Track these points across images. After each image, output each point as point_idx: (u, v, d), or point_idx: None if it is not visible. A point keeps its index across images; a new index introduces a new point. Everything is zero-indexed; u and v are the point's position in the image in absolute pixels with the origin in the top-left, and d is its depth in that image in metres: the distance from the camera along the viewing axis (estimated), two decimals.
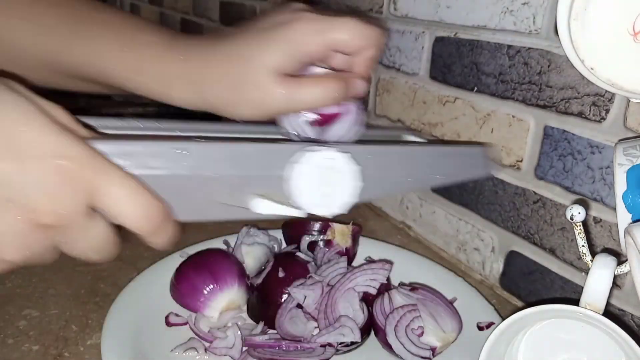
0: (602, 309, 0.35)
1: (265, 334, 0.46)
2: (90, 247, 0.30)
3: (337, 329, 0.45)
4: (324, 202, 0.36)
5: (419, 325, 0.46)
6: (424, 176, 0.42)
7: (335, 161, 0.36)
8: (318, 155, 0.36)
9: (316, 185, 0.36)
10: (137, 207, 0.30)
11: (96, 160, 0.29)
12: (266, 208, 0.35)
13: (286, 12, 0.42)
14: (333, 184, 0.36)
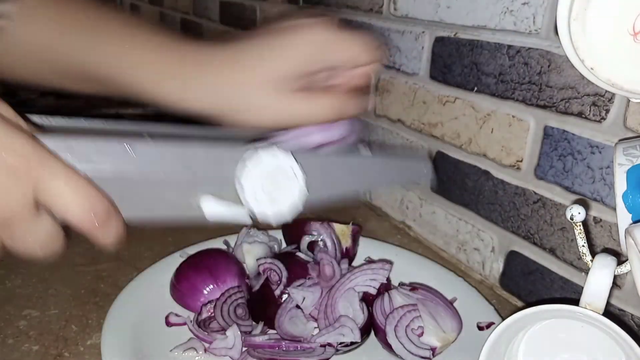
0: (602, 309, 0.35)
1: (265, 334, 0.46)
2: (36, 244, 0.30)
3: (337, 329, 0.45)
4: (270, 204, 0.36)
5: (419, 325, 0.46)
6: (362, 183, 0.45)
7: (280, 160, 0.36)
8: (265, 154, 0.35)
9: (262, 185, 0.36)
10: (80, 201, 0.30)
11: (40, 154, 0.29)
12: (212, 207, 0.35)
13: (293, 21, 0.41)
14: (278, 184, 0.36)
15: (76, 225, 0.30)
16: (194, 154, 0.35)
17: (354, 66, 0.42)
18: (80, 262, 0.58)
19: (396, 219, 0.74)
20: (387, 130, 0.73)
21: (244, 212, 0.36)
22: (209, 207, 0.35)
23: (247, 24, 1.11)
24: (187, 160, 0.35)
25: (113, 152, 0.32)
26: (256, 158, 0.35)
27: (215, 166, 0.36)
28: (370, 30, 0.74)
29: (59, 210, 0.29)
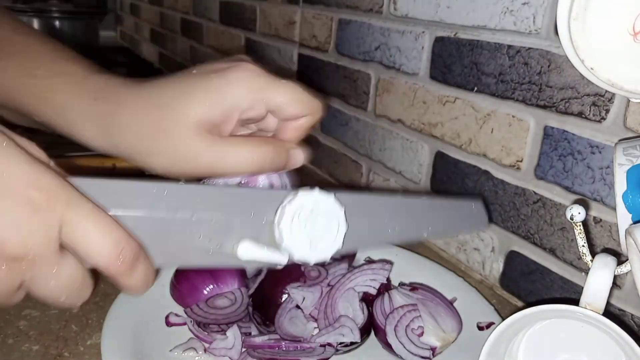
0: (602, 309, 0.35)
1: (264, 335, 0.46)
2: (60, 288, 0.28)
3: (337, 329, 0.45)
4: (310, 247, 0.35)
5: (419, 325, 0.46)
6: (413, 228, 0.40)
7: (321, 203, 0.35)
8: (306, 198, 0.34)
9: (302, 228, 0.34)
10: (107, 242, 0.28)
11: (67, 193, 0.28)
12: (249, 253, 0.34)
13: (225, 61, 0.38)
14: (319, 227, 0.35)
15: (102, 268, 0.29)
16: (231, 195, 0.34)
17: (289, 115, 0.38)
18: None
19: None
20: (387, 130, 0.73)
21: (282, 257, 0.34)
22: (245, 253, 0.34)
23: (247, 24, 1.11)
24: (222, 202, 0.33)
25: (145, 194, 0.31)
26: (295, 201, 0.34)
27: (252, 209, 0.34)
28: (369, 29, 0.74)
29: (85, 252, 0.28)
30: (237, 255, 0.34)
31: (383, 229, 0.39)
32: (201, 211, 0.32)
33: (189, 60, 1.46)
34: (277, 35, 0.99)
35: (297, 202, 0.34)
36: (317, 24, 0.86)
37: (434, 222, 0.41)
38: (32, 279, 0.28)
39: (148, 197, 0.31)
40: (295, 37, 0.93)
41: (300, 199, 0.34)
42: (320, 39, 0.86)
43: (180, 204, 0.32)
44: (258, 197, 0.35)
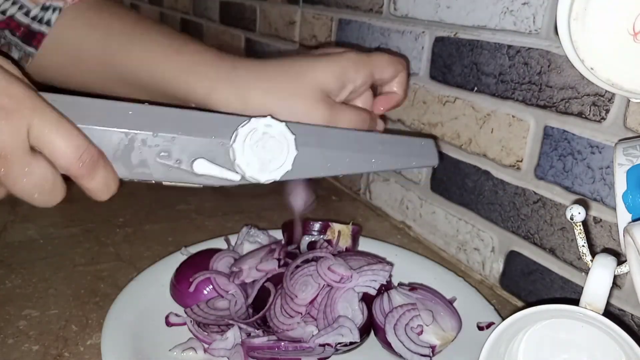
0: (602, 309, 0.35)
1: (264, 336, 0.46)
2: (32, 185, 0.32)
3: (336, 329, 0.45)
4: (260, 167, 0.38)
5: (419, 324, 0.46)
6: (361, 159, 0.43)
7: (273, 128, 0.38)
8: (258, 122, 0.38)
9: (255, 150, 0.38)
10: (68, 146, 0.32)
11: (35, 101, 0.31)
12: (204, 169, 0.37)
13: (331, 48, 0.49)
14: (270, 150, 0.38)
15: (64, 169, 0.33)
16: (192, 117, 0.37)
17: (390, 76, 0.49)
18: (80, 262, 0.58)
19: (396, 219, 0.74)
20: (387, 130, 0.73)
21: (234, 174, 0.38)
22: (200, 168, 0.37)
23: (246, 24, 1.11)
24: (183, 123, 0.37)
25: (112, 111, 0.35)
26: (249, 124, 0.38)
27: (210, 131, 0.37)
28: (373, 33, 0.74)
29: (49, 154, 0.32)
30: (193, 170, 0.37)
31: (332, 159, 0.41)
32: (163, 130, 0.36)
33: None
34: (277, 35, 0.99)
35: (250, 126, 0.37)
36: (317, 24, 0.86)
37: (382, 155, 0.43)
38: (6, 175, 0.31)
39: (115, 114, 0.35)
40: (295, 37, 0.93)
41: (253, 123, 0.38)
42: (320, 39, 0.86)
43: (143, 122, 0.36)
44: (217, 121, 0.38)
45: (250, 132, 0.37)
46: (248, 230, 0.58)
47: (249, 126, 0.38)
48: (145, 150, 0.36)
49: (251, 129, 0.38)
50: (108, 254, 0.60)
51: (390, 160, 0.44)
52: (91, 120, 0.34)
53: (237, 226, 0.67)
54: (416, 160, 0.45)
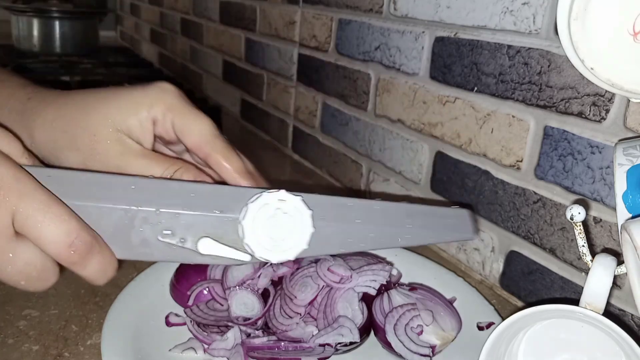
0: (602, 309, 0.35)
1: (264, 336, 0.46)
2: (17, 273, 0.30)
3: (336, 329, 0.45)
4: (273, 247, 0.34)
5: (418, 324, 0.46)
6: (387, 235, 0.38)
7: (287, 203, 0.34)
8: (270, 197, 0.34)
9: (266, 227, 0.34)
10: (58, 232, 0.29)
11: (21, 184, 0.29)
12: (212, 249, 0.34)
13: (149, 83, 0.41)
14: (283, 227, 0.34)
15: (54, 257, 0.30)
16: (197, 191, 0.34)
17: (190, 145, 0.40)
18: None
19: None
20: (387, 130, 0.73)
21: (243, 254, 0.34)
22: (206, 248, 0.34)
23: (247, 24, 1.11)
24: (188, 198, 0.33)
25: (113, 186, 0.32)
26: (260, 200, 0.34)
27: (218, 206, 0.34)
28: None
29: (36, 241, 0.29)
30: (198, 250, 0.34)
31: (353, 234, 0.37)
32: (166, 206, 0.33)
33: (189, 60, 1.46)
34: (277, 35, 0.99)
35: (261, 200, 0.34)
36: (317, 24, 0.86)
37: (411, 229, 0.38)
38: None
39: (115, 189, 0.32)
40: (295, 37, 0.93)
41: (264, 197, 0.34)
42: (320, 39, 0.86)
43: (145, 197, 0.32)
44: (225, 195, 0.35)
45: (261, 208, 0.34)
46: None
47: (260, 201, 0.34)
48: (146, 229, 0.33)
49: (262, 204, 0.34)
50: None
51: (421, 235, 0.39)
52: (89, 197, 0.31)
53: None
54: (450, 235, 0.40)
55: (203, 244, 0.34)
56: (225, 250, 0.34)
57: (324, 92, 0.86)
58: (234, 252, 0.34)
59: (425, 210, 0.39)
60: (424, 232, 0.39)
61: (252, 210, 0.34)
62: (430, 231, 0.39)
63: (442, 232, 0.39)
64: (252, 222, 0.34)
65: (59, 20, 1.59)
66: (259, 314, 0.46)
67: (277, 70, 1.00)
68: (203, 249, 0.34)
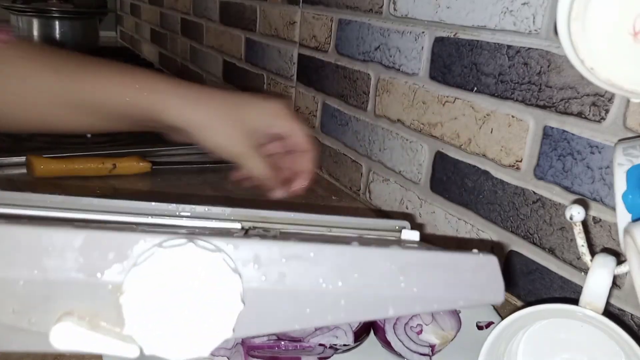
0: (602, 309, 0.35)
1: (264, 336, 0.46)
2: None
3: (332, 330, 0.45)
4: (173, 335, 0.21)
5: (418, 323, 0.46)
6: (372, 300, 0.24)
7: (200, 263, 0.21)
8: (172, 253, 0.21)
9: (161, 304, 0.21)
10: None
11: None
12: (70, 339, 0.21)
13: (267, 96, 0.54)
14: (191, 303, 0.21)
15: None
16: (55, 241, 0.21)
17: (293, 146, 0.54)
18: None
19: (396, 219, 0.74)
20: (387, 130, 0.73)
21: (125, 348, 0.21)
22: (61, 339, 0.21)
23: (247, 24, 1.11)
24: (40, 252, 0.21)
25: None
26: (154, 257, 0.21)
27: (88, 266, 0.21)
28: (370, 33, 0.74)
29: None
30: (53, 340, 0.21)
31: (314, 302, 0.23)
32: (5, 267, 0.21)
33: (189, 60, 1.46)
34: (277, 36, 0.99)
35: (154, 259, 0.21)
36: (317, 24, 0.86)
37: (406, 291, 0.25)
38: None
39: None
40: (295, 37, 0.93)
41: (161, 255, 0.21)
42: (320, 39, 0.86)
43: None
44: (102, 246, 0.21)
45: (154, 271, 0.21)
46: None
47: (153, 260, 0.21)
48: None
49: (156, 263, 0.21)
50: None
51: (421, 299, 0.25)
52: None
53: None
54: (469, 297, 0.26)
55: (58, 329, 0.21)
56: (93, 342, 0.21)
57: (324, 92, 0.86)
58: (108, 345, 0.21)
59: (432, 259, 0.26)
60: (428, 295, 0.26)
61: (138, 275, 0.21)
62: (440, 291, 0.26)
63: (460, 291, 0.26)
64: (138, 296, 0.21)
65: (59, 20, 1.59)
66: None
67: (277, 71, 1.00)
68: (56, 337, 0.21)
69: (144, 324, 0.20)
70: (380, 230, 0.36)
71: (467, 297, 0.26)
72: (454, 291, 0.26)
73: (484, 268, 0.26)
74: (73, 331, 0.21)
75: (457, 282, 0.26)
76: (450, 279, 0.26)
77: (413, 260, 0.25)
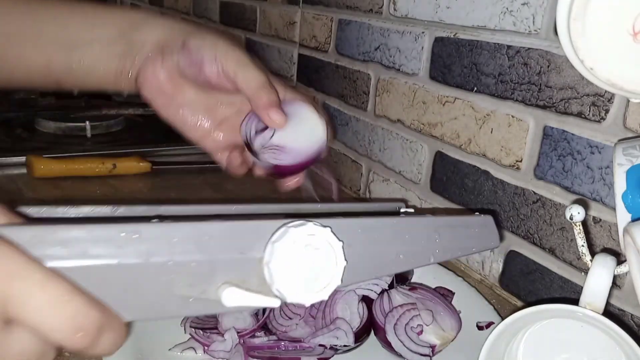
0: (602, 309, 0.35)
1: (264, 336, 0.46)
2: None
3: (332, 331, 0.45)
4: (305, 287, 0.30)
5: (418, 324, 0.46)
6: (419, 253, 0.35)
7: (316, 237, 0.30)
8: (297, 232, 0.29)
9: (297, 269, 0.30)
10: (62, 319, 0.24)
11: (10, 261, 0.24)
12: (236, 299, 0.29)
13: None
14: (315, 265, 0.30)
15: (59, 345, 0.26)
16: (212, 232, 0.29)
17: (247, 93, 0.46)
18: None
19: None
20: (387, 131, 0.73)
21: (273, 300, 0.30)
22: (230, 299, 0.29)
23: (247, 24, 1.11)
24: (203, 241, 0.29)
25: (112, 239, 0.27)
26: (287, 237, 0.29)
27: (237, 247, 0.30)
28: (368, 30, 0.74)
29: (36, 329, 0.25)
30: (222, 302, 0.29)
31: (384, 257, 0.34)
32: (179, 254, 0.28)
33: None
34: (277, 36, 0.99)
35: (288, 238, 0.29)
36: (317, 25, 0.86)
37: (440, 244, 0.36)
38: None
39: (116, 242, 0.27)
40: (295, 37, 0.93)
41: (291, 234, 0.29)
42: (320, 39, 0.86)
43: (154, 247, 0.28)
44: (244, 233, 0.30)
45: (289, 247, 0.30)
46: None
47: (286, 239, 0.29)
48: (158, 283, 0.28)
49: (290, 242, 0.29)
50: None
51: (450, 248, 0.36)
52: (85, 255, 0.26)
53: None
54: (477, 244, 0.38)
55: (226, 294, 0.29)
56: (252, 299, 0.30)
57: (324, 92, 0.86)
58: (261, 299, 0.30)
59: (451, 221, 0.37)
60: (453, 245, 0.36)
61: (279, 251, 0.29)
62: (459, 243, 0.37)
63: (470, 242, 0.38)
64: (280, 264, 0.29)
65: None
66: (253, 325, 0.46)
67: (277, 71, 1.00)
68: (227, 299, 0.29)
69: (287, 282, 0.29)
70: (386, 210, 0.46)
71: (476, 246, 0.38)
72: (467, 242, 0.37)
73: (484, 225, 0.38)
74: (237, 293, 0.29)
75: (469, 235, 0.37)
76: (465, 233, 0.37)
77: (442, 223, 0.36)
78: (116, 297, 0.27)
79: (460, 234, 0.37)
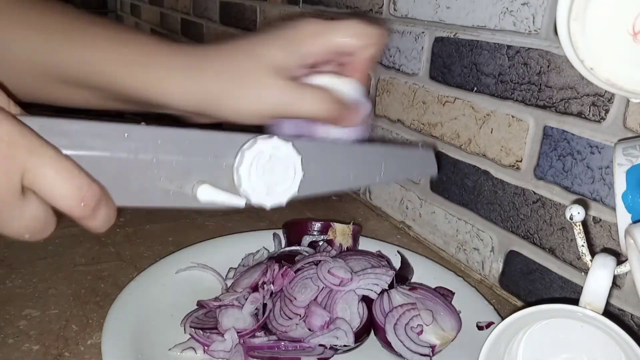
0: (602, 309, 0.35)
1: (264, 336, 0.46)
2: (24, 228, 0.30)
3: (332, 331, 0.45)
4: (267, 192, 0.36)
5: (418, 324, 0.46)
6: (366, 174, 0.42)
7: (280, 149, 0.36)
8: (265, 144, 0.35)
9: (261, 174, 0.35)
10: (70, 188, 0.30)
11: (28, 139, 0.29)
12: (208, 195, 0.34)
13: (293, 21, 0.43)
14: (276, 173, 0.36)
15: (65, 212, 0.30)
16: (191, 138, 0.35)
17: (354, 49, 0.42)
18: (80, 262, 0.58)
19: (396, 219, 0.74)
20: (387, 131, 0.73)
21: (240, 200, 0.35)
22: (204, 195, 0.34)
23: (247, 24, 1.11)
24: (183, 145, 0.34)
25: (107, 135, 0.32)
26: (255, 147, 0.35)
27: (212, 153, 0.35)
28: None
29: (48, 197, 0.30)
30: (196, 197, 0.34)
31: (338, 175, 0.40)
32: (162, 153, 0.33)
33: None
34: None
35: (256, 148, 0.35)
36: None
37: (386, 167, 0.42)
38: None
39: (110, 138, 0.32)
40: None
41: (259, 144, 0.35)
42: None
43: (141, 145, 0.33)
44: (219, 141, 0.35)
45: (256, 155, 0.35)
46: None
47: (255, 148, 0.35)
48: (144, 176, 0.33)
49: (257, 151, 0.35)
50: (108, 253, 0.60)
51: (393, 172, 0.43)
52: (84, 147, 0.31)
53: (237, 226, 0.66)
54: (417, 171, 0.47)
55: (201, 190, 0.34)
56: (222, 196, 0.35)
57: None
58: (230, 198, 0.35)
59: (396, 150, 0.45)
60: (396, 169, 0.44)
61: (247, 158, 0.35)
62: (402, 169, 0.44)
63: (412, 169, 0.46)
64: (248, 169, 0.35)
65: None
66: (253, 325, 0.46)
67: None
68: (201, 194, 0.34)
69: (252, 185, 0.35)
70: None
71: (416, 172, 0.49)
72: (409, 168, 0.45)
73: (425, 156, 0.45)
74: (209, 190, 0.34)
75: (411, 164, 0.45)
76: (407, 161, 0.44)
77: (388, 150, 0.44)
78: (107, 185, 0.32)
79: (403, 161, 0.44)
